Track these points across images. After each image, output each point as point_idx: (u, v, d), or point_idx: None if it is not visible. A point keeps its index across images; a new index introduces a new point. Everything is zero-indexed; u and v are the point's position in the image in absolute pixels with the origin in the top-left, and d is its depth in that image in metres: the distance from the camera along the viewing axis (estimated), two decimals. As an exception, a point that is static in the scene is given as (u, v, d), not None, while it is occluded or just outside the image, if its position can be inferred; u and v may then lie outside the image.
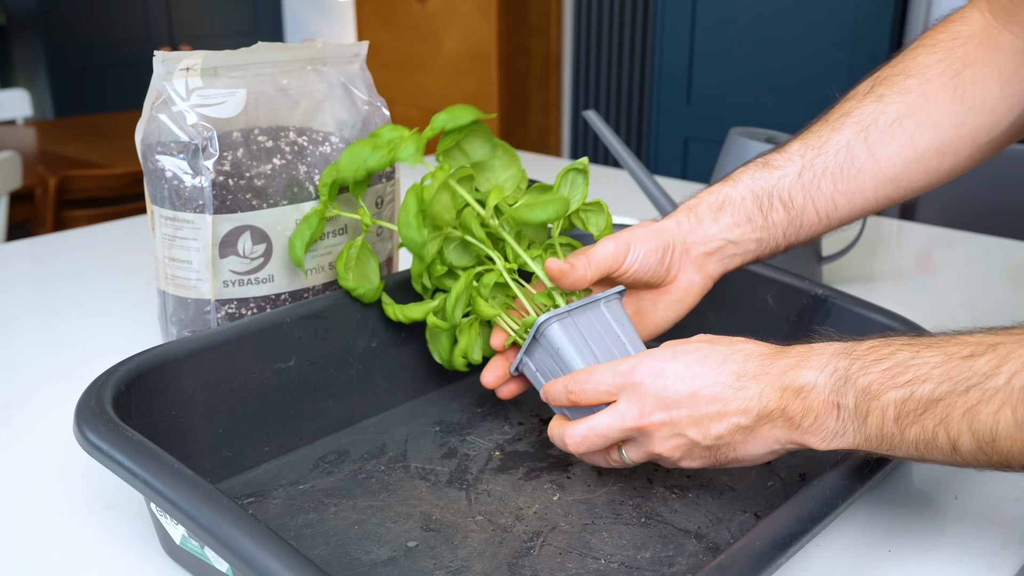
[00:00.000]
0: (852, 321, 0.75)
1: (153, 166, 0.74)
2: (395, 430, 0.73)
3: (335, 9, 4.46)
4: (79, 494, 0.65)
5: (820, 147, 0.69)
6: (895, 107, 0.68)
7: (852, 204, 0.69)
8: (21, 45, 4.19)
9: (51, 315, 0.98)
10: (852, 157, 0.68)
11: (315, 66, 0.80)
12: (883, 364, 0.50)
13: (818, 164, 0.68)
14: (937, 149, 0.68)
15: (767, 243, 0.69)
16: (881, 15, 2.19)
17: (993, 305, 1.02)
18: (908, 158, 0.68)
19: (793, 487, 0.66)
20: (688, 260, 0.68)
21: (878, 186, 0.69)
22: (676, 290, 0.68)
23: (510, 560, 0.58)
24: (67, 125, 3.14)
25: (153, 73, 0.72)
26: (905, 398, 0.49)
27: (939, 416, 0.48)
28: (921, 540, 0.60)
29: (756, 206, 0.68)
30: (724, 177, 0.71)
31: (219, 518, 0.47)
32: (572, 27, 3.72)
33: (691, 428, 0.55)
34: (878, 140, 0.68)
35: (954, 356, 0.48)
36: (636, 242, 0.66)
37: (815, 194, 0.68)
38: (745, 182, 0.69)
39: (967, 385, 0.47)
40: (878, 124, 0.68)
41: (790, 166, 0.69)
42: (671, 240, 0.67)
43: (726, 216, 0.68)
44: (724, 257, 0.69)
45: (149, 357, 0.62)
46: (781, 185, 0.68)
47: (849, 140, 0.69)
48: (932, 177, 0.69)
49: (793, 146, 0.70)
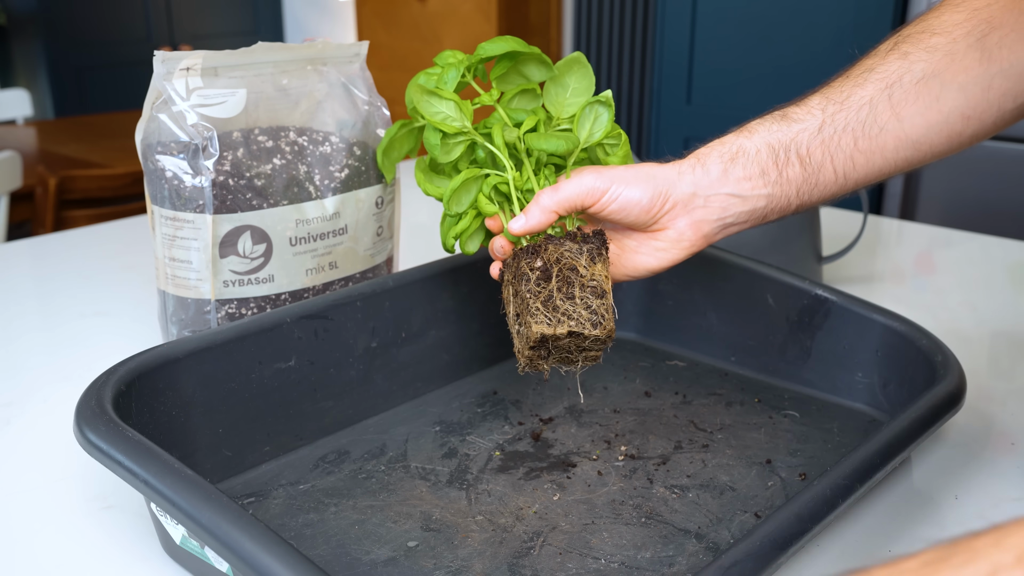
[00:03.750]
0: (852, 321, 0.75)
1: (153, 166, 0.74)
2: (395, 430, 0.73)
3: (335, 9, 4.46)
4: (79, 494, 0.65)
5: (842, 102, 0.66)
6: (921, 65, 0.66)
7: (871, 164, 0.66)
8: (21, 45, 4.19)
9: (51, 315, 0.98)
10: (875, 115, 0.65)
11: (315, 66, 0.80)
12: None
13: (839, 120, 0.66)
14: (962, 113, 0.65)
15: (777, 200, 0.66)
16: (881, 15, 2.19)
17: (993, 305, 1.02)
18: (932, 120, 0.65)
19: (793, 487, 0.66)
20: (683, 212, 0.65)
21: (899, 147, 0.66)
22: (663, 239, 0.65)
23: (510, 560, 0.58)
24: (67, 125, 3.14)
25: (153, 73, 0.72)
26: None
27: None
28: (921, 540, 0.60)
29: (771, 159, 0.65)
30: (738, 127, 0.67)
31: (219, 518, 0.47)
32: (572, 27, 3.72)
33: None
34: (902, 99, 0.65)
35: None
36: (619, 183, 0.63)
37: (834, 151, 0.65)
38: (761, 133, 0.66)
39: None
40: (903, 82, 0.65)
41: (810, 120, 0.66)
42: (665, 190, 0.64)
43: (738, 168, 0.64)
44: (726, 217, 0.65)
45: (149, 357, 0.62)
46: (800, 139, 0.65)
47: (872, 97, 0.66)
48: (954, 142, 0.67)
49: (813, 100, 0.67)
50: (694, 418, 0.75)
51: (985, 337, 0.93)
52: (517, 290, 0.62)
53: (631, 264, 0.67)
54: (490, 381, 0.82)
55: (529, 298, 0.61)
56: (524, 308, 0.61)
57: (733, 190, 0.64)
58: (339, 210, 0.79)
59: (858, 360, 0.75)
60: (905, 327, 0.72)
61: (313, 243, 0.78)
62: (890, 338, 0.73)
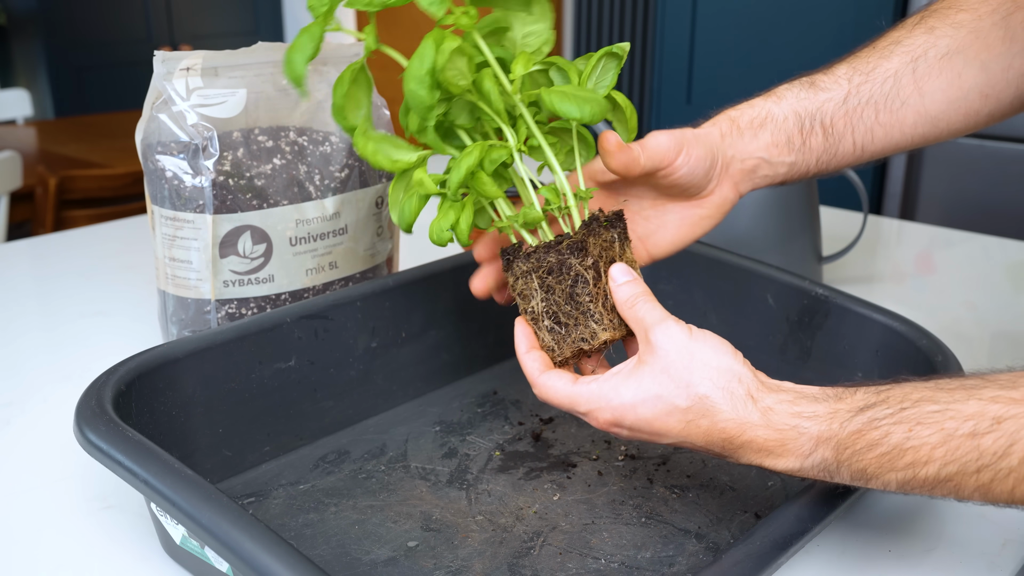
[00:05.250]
0: (852, 321, 0.74)
1: (153, 166, 0.74)
2: (395, 430, 0.73)
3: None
4: (79, 494, 0.65)
5: (868, 73, 0.66)
6: (946, 40, 0.66)
7: (889, 138, 0.66)
8: (21, 45, 4.19)
9: (51, 315, 0.98)
10: (899, 88, 0.66)
11: (315, 66, 0.80)
12: (876, 450, 0.48)
13: (864, 91, 0.66)
14: (981, 91, 0.66)
15: (798, 167, 0.66)
16: (881, 15, 2.19)
17: (993, 305, 1.02)
18: (952, 96, 0.66)
19: (793, 487, 0.66)
20: (726, 176, 0.64)
21: (918, 122, 0.66)
22: (708, 204, 0.64)
23: (510, 560, 0.58)
24: (67, 125, 3.14)
25: (153, 73, 0.72)
26: (908, 479, 0.48)
27: (948, 489, 0.47)
28: (921, 540, 0.60)
29: (797, 128, 0.65)
30: (767, 91, 0.67)
31: (219, 518, 0.47)
32: (572, 27, 3.72)
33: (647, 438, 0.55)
34: (926, 73, 0.65)
35: (954, 434, 0.46)
36: (689, 144, 0.61)
37: (856, 122, 0.66)
38: (789, 100, 0.66)
39: (977, 466, 0.46)
40: (927, 57, 0.66)
41: (836, 89, 0.66)
42: (717, 153, 0.63)
43: (766, 134, 0.64)
44: (756, 177, 0.65)
45: (149, 357, 0.62)
46: (825, 109, 0.65)
47: (898, 70, 0.66)
48: (971, 121, 0.67)
49: (840, 69, 0.67)
50: (694, 418, 0.75)
51: (985, 337, 0.93)
52: (560, 290, 0.58)
53: (666, 240, 0.65)
54: (490, 381, 0.82)
55: (589, 302, 0.57)
56: (580, 312, 0.57)
57: (763, 154, 0.64)
58: (339, 210, 0.79)
59: (858, 360, 0.75)
60: (905, 327, 0.72)
61: (313, 243, 0.78)
62: (890, 338, 0.72)
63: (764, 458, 0.52)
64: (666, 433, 0.53)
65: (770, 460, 0.51)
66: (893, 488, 0.49)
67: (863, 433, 0.49)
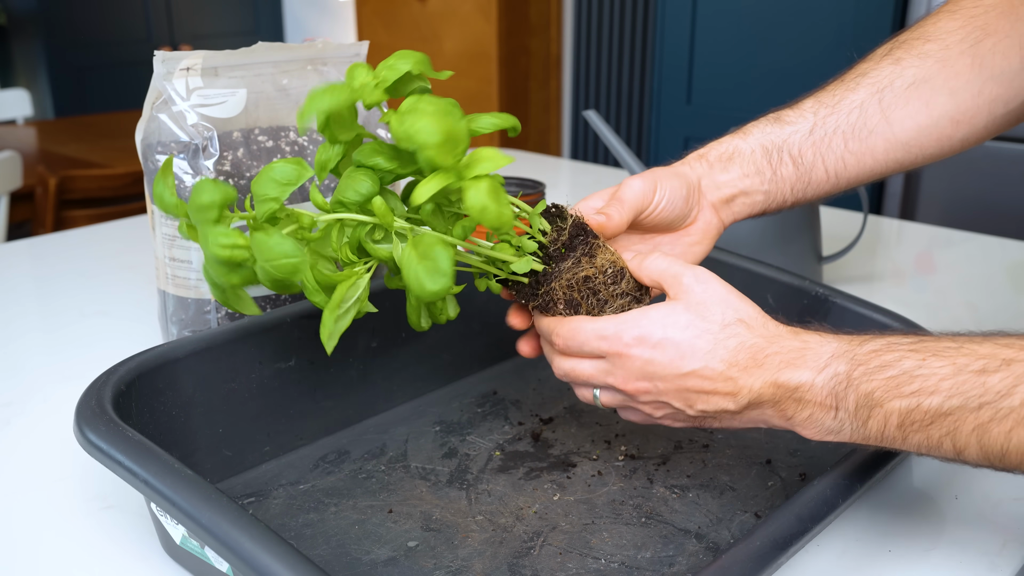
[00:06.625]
0: (852, 321, 0.74)
1: (153, 166, 0.74)
2: (395, 430, 0.73)
3: (335, 9, 4.46)
4: (79, 494, 0.65)
5: (834, 105, 0.68)
6: (912, 71, 0.67)
7: (862, 165, 0.68)
8: (21, 45, 4.19)
9: (51, 315, 0.98)
10: (865, 118, 0.67)
11: (315, 66, 0.80)
12: (888, 371, 0.50)
13: (830, 122, 0.68)
14: (952, 117, 0.67)
15: (774, 196, 0.68)
16: (881, 15, 2.19)
17: (993, 305, 1.02)
18: (922, 123, 0.67)
19: (793, 487, 0.66)
20: (706, 204, 0.67)
21: (889, 149, 0.68)
22: (695, 232, 0.67)
23: (510, 560, 0.58)
24: (67, 125, 3.14)
25: (153, 73, 0.72)
26: (911, 408, 0.49)
27: (946, 428, 0.48)
28: (921, 540, 0.60)
29: (765, 159, 0.67)
30: (734, 130, 0.70)
31: (219, 518, 0.47)
32: (572, 27, 3.72)
33: (676, 400, 0.55)
34: (893, 103, 0.67)
35: (964, 369, 0.48)
36: (662, 179, 0.63)
37: (825, 152, 0.67)
38: (755, 135, 0.68)
39: (979, 402, 0.47)
40: (894, 87, 0.67)
41: (802, 122, 0.68)
42: (692, 181, 0.65)
43: (735, 167, 0.67)
44: (735, 206, 0.68)
45: (149, 357, 0.62)
46: (791, 140, 0.67)
47: (863, 101, 0.68)
48: (945, 146, 0.68)
49: (806, 103, 0.69)
50: (694, 418, 0.75)
51: (985, 337, 0.93)
52: (586, 291, 0.59)
53: None
54: (490, 381, 0.82)
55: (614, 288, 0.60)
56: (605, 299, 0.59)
57: (738, 184, 0.67)
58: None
59: (858, 360, 0.75)
60: (905, 327, 0.72)
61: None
62: (890, 338, 0.72)
63: (782, 370, 0.53)
64: (691, 354, 0.54)
65: (787, 372, 0.52)
66: (894, 421, 0.49)
67: (879, 353, 0.51)
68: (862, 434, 0.51)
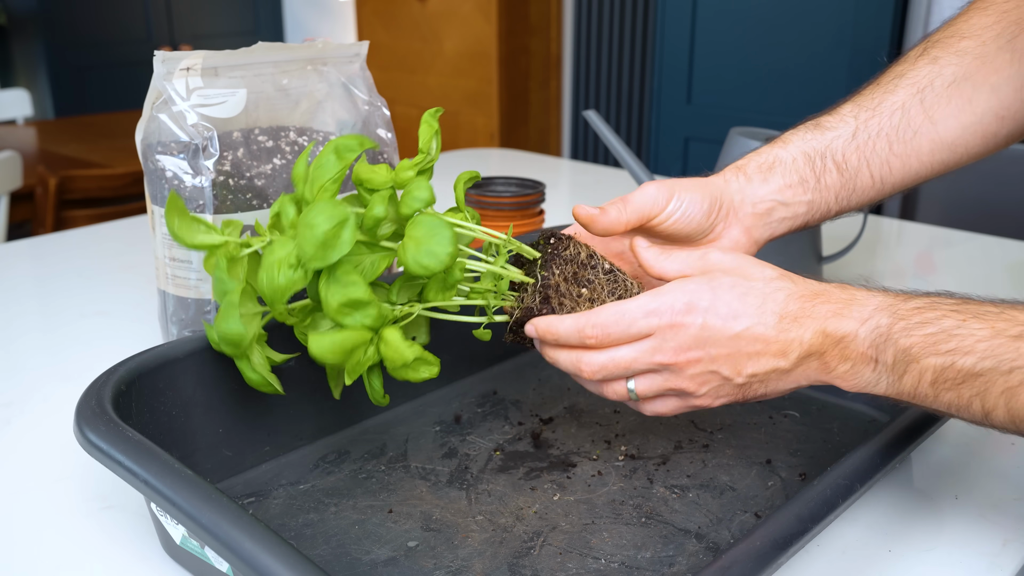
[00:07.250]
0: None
1: (153, 166, 0.74)
2: (395, 430, 0.73)
3: (335, 9, 4.46)
4: (79, 494, 0.65)
5: (874, 108, 0.67)
6: (951, 69, 0.66)
7: (907, 168, 0.67)
8: (21, 45, 4.19)
9: (51, 315, 0.98)
10: (908, 119, 0.66)
11: (315, 66, 0.80)
12: (927, 328, 0.50)
13: (872, 125, 0.66)
14: (996, 113, 0.66)
15: (818, 207, 0.66)
16: (881, 15, 2.19)
17: (993, 305, 1.02)
18: (966, 122, 0.66)
19: (793, 487, 0.66)
20: (735, 220, 0.64)
21: (934, 150, 0.66)
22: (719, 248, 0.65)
23: (510, 560, 0.58)
24: (67, 125, 3.14)
25: (153, 73, 0.72)
26: (946, 366, 0.49)
27: (977, 388, 0.49)
28: (921, 540, 0.60)
29: (808, 167, 0.65)
30: (772, 139, 0.68)
31: (219, 518, 0.47)
32: (572, 27, 3.72)
33: (726, 366, 0.55)
34: (935, 102, 0.66)
35: (1002, 333, 0.49)
36: (681, 190, 0.62)
37: (870, 156, 0.66)
38: (796, 143, 0.66)
39: (1011, 366, 0.48)
40: (934, 86, 0.66)
41: (843, 127, 0.66)
42: (719, 196, 0.63)
43: (777, 177, 0.65)
44: (772, 221, 0.65)
45: (149, 357, 0.62)
46: (834, 146, 0.66)
47: (904, 102, 0.66)
48: (990, 143, 0.67)
49: (845, 108, 0.68)
50: (694, 418, 0.75)
51: (985, 337, 0.93)
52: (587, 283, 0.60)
53: None
54: (490, 381, 0.82)
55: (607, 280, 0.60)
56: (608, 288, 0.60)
57: (777, 197, 0.65)
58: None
59: (858, 360, 0.75)
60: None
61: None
62: (890, 338, 0.72)
63: (829, 320, 0.53)
64: (743, 312, 0.54)
65: (835, 322, 0.53)
66: (928, 378, 0.50)
67: (921, 310, 0.52)
68: (897, 388, 0.52)
